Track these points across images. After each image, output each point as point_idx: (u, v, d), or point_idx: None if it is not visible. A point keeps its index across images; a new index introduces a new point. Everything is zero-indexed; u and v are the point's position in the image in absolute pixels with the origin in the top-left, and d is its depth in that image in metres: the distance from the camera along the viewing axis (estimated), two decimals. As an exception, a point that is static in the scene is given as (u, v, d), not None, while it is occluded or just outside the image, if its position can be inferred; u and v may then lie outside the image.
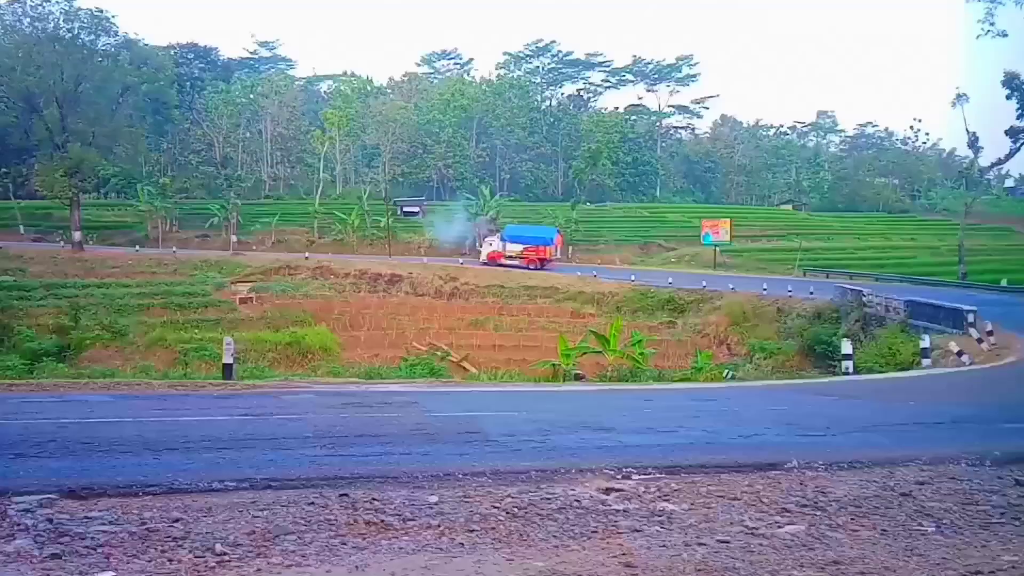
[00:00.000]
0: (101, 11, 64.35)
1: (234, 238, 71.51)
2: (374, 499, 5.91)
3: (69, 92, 60.61)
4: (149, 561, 4.53)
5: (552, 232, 65.41)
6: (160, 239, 72.24)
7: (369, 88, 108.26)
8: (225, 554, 4.65)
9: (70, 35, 62.34)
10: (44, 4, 61.85)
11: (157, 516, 5.34)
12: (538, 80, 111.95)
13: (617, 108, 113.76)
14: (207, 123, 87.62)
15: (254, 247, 71.35)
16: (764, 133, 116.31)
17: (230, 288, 51.65)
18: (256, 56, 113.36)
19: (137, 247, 65.95)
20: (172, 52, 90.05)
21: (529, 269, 59.36)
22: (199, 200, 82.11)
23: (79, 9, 63.20)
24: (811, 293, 40.18)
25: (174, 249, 65.59)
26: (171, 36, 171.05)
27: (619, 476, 6.90)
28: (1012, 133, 53.88)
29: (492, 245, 63.22)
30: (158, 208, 74.19)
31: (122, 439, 7.96)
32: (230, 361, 15.19)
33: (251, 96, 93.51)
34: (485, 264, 61.24)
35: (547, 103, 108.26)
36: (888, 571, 4.63)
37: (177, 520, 5.25)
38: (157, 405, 10.80)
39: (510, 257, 61.42)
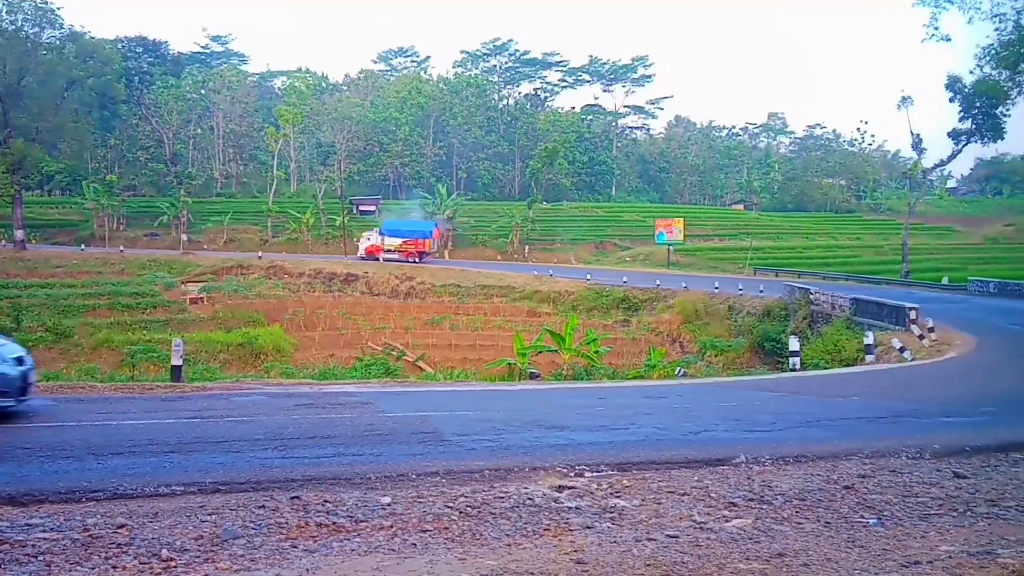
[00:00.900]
0: (45, 3, 62.52)
1: (184, 237, 70.20)
2: (326, 501, 5.87)
3: (11, 86, 58.73)
4: (92, 568, 4.45)
5: (431, 226, 66.26)
6: (107, 238, 70.50)
7: (324, 85, 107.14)
8: (171, 560, 4.58)
9: (13, 27, 60.44)
10: (-15, -4, 59.92)
11: (101, 522, 5.23)
12: (495, 79, 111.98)
13: (573, 108, 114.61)
14: (156, 119, 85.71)
15: (205, 246, 70.13)
16: (717, 134, 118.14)
17: (180, 288, 50.65)
18: (207, 51, 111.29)
19: (83, 246, 64.33)
20: (119, 45, 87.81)
21: (408, 263, 60.01)
22: (148, 198, 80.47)
23: (22, 1, 61.31)
24: (761, 291, 40.89)
25: (121, 248, 64.11)
26: (118, 29, 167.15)
27: (572, 474, 6.96)
28: (954, 135, 55.41)
29: (370, 240, 63.56)
30: (104, 206, 72.39)
31: (65, 444, 7.77)
32: (179, 363, 14.90)
33: (202, 91, 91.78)
34: (363, 259, 61.50)
35: (504, 102, 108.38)
36: (830, 562, 4.74)
37: (122, 526, 5.16)
38: (102, 408, 10.54)
39: (389, 251, 62.00)
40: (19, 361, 9.45)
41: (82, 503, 5.72)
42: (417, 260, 61.48)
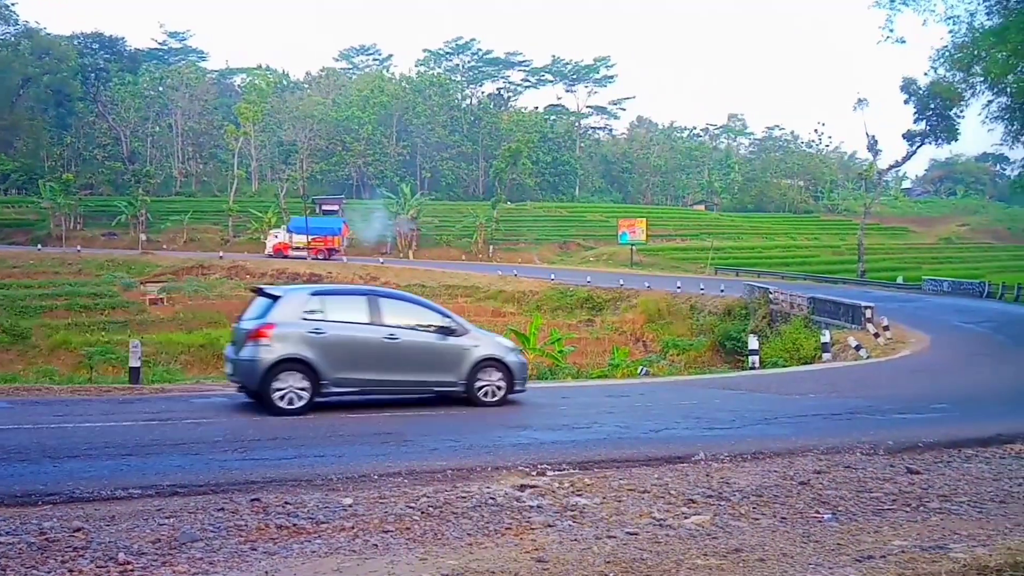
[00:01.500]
0: (-1, -1, 61.14)
1: (143, 236, 69.00)
2: (287, 503, 5.84)
3: (-36, 83, 57.33)
4: (48, 572, 4.38)
5: (339, 223, 67.10)
6: (64, 237, 69.00)
7: (285, 82, 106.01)
8: (129, 563, 4.53)
9: (-36, 24, 58.97)
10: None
11: (57, 526, 5.15)
12: (458, 78, 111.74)
13: (537, 108, 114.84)
14: (113, 116, 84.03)
15: (164, 246, 69.00)
16: (678, 135, 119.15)
17: (139, 288, 49.80)
18: (165, 47, 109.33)
19: (39, 246, 62.93)
20: (75, 42, 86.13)
21: (317, 260, 60.11)
22: (105, 196, 78.95)
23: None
24: (722, 291, 41.40)
25: (79, 248, 62.82)
26: (74, 25, 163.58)
27: (534, 473, 7.01)
28: (909, 137, 56.76)
29: (278, 237, 63.76)
30: (61, 205, 70.82)
31: (21, 447, 7.63)
32: (137, 364, 14.64)
33: (160, 89, 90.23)
34: (270, 256, 61.49)
35: (467, 101, 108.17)
36: (786, 557, 4.82)
37: (78, 529, 5.08)
38: (59, 411, 10.35)
39: (297, 248, 62.20)
40: None
41: (38, 506, 5.64)
42: (326, 257, 61.50)
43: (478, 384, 10.91)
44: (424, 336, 10.84)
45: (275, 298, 10.86)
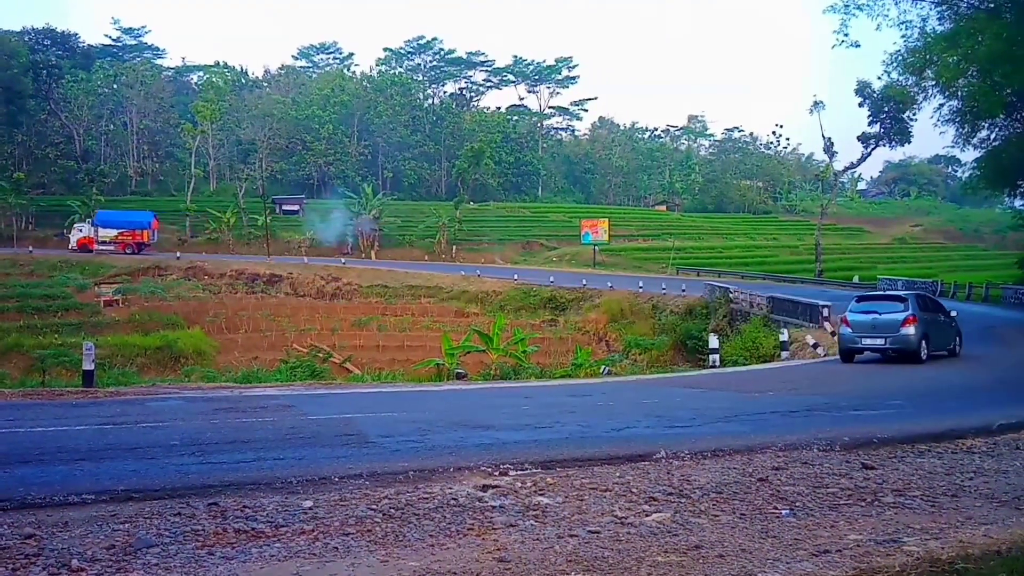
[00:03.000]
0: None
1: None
2: (245, 507, 5.75)
3: (-92, 78, 55.52)
4: (-3, 581, 4.27)
5: (149, 216, 66.52)
6: (15, 237, 67.34)
7: (243, 80, 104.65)
8: (82, 570, 4.43)
9: (-92, 17, 57.08)
10: None
11: (8, 532, 5.02)
12: (420, 78, 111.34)
13: (499, 108, 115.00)
14: (66, 114, 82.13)
15: (120, 246, 67.61)
16: (639, 136, 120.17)
17: (93, 290, 48.81)
18: (120, 43, 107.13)
19: (142, 251, 61.63)
20: (26, 38, 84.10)
21: (125, 254, 59.93)
22: (58, 196, 77.15)
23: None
24: (683, 291, 41.83)
25: (30, 248, 61.38)
26: (25, 20, 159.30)
27: (496, 473, 6.99)
28: (864, 139, 57.86)
29: (82, 231, 63.23)
30: (12, 204, 69.16)
31: (-33, 453, 7.41)
32: (91, 367, 14.34)
33: (114, 86, 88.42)
34: (74, 251, 61.01)
35: (429, 101, 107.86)
36: (745, 553, 4.88)
37: (30, 536, 4.96)
38: (9, 415, 10.09)
39: (103, 242, 61.81)
40: None
41: (-13, 514, 5.47)
42: (135, 251, 61.08)
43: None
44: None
45: (903, 299, 18.80)
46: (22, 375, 25.75)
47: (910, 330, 17.67)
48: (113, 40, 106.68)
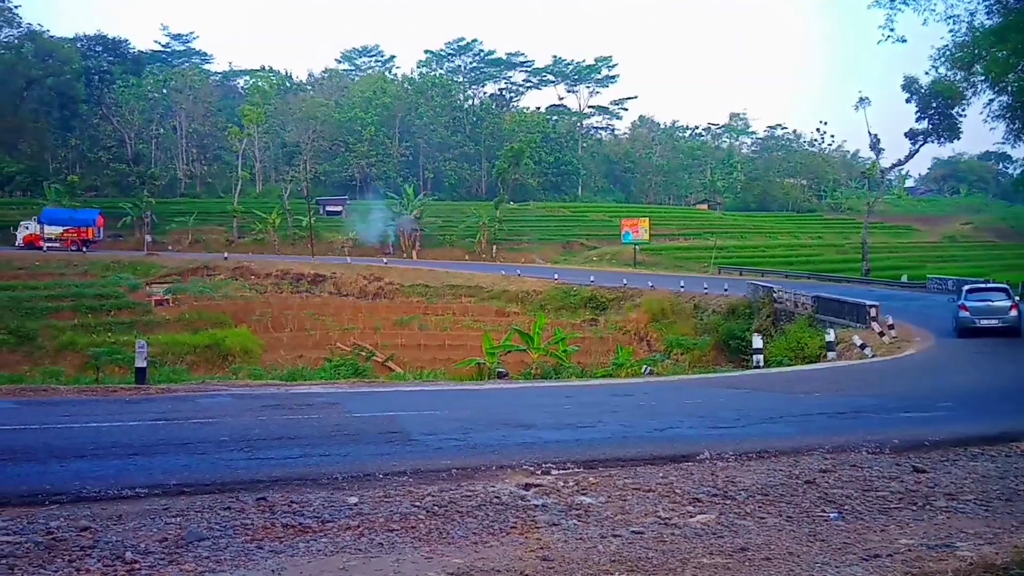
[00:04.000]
0: (3, 1, 61.16)
1: (148, 238, 69.11)
2: (292, 502, 5.85)
3: (-31, 86, 57.44)
4: (56, 571, 4.40)
5: (94, 214, 66.89)
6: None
7: (288, 84, 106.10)
8: (136, 562, 4.54)
9: (-31, 27, 59.07)
10: (-61, -7, 58.39)
11: (64, 525, 5.17)
12: (460, 79, 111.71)
13: (539, 108, 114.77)
14: (118, 118, 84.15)
15: (170, 247, 69.16)
16: (680, 134, 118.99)
17: (145, 290, 49.87)
18: (169, 49, 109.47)
19: (87, 248, 63.09)
20: (79, 44, 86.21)
21: (71, 251, 59.92)
22: (110, 198, 79.02)
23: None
24: (725, 290, 41.36)
25: (84, 249, 62.94)
26: (77, 27, 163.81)
27: (538, 472, 7.00)
28: (911, 135, 56.63)
29: (28, 228, 63.47)
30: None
31: (27, 447, 7.66)
32: (143, 365, 14.68)
33: (164, 91, 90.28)
34: (21, 248, 61.15)
35: (470, 102, 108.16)
36: (792, 556, 4.82)
37: (85, 529, 5.10)
38: (65, 411, 10.39)
39: (50, 240, 62.02)
40: None
41: (45, 506, 5.64)
42: (82, 249, 61.31)
43: None
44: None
45: (1006, 291, 23.85)
46: (76, 372, 26.45)
47: (1014, 313, 22.92)
48: (162, 46, 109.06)
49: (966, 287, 25.72)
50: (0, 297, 42.47)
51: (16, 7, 62.19)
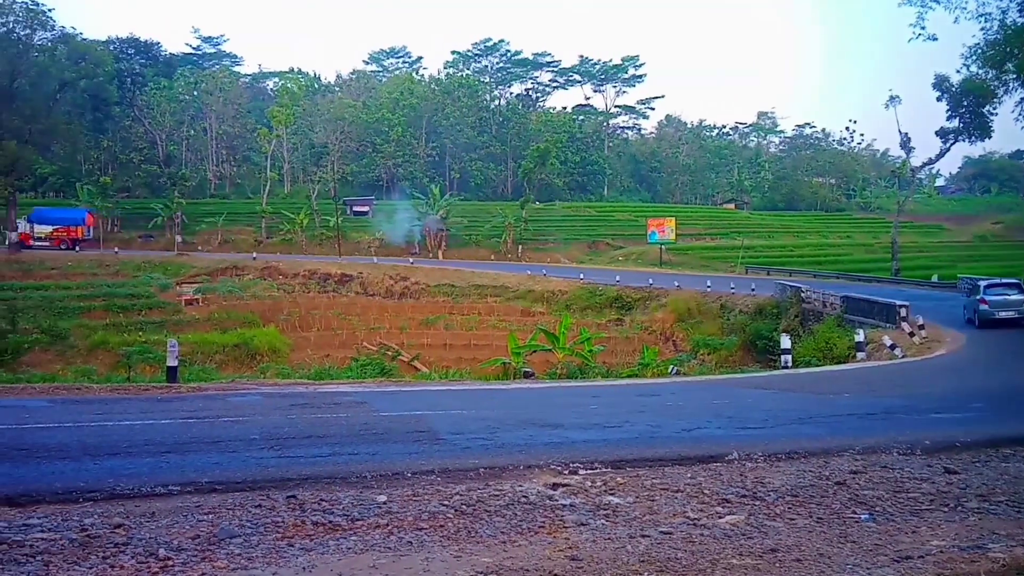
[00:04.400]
0: (37, 4, 62.31)
1: (179, 238, 70.12)
2: (322, 500, 5.90)
3: (4, 88, 58.68)
4: (90, 568, 4.46)
5: (83, 213, 67.47)
6: (101, 239, 70.33)
7: (316, 86, 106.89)
8: (169, 559, 4.61)
9: (4, 29, 60.25)
10: (-23, -2, 59.69)
11: (98, 522, 5.25)
12: (487, 79, 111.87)
13: (565, 108, 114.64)
14: (149, 120, 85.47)
15: (199, 247, 70.04)
16: (707, 133, 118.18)
17: (175, 289, 50.55)
18: (199, 52, 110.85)
19: (77, 248, 64.15)
20: (111, 47, 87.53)
21: (61, 249, 60.43)
22: (142, 199, 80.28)
23: (14, 2, 61.07)
24: (752, 290, 41.02)
25: (116, 249, 63.95)
26: (110, 30, 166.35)
27: (566, 471, 7.00)
28: (942, 134, 55.67)
29: (19, 228, 63.79)
30: (99, 207, 72.23)
31: (61, 445, 7.78)
32: (174, 364, 14.90)
33: (195, 93, 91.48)
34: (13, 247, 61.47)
35: (496, 102, 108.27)
36: (823, 558, 4.78)
37: (119, 526, 5.18)
38: (98, 409, 10.55)
39: (39, 239, 62.65)
40: None
41: (79, 503, 5.73)
42: (71, 247, 62.00)
43: None
44: None
45: (1018, 285, 26.22)
46: (108, 371, 26.83)
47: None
48: (193, 48, 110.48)
49: (983, 283, 27.90)
50: (33, 297, 43.26)
51: (50, 10, 63.25)
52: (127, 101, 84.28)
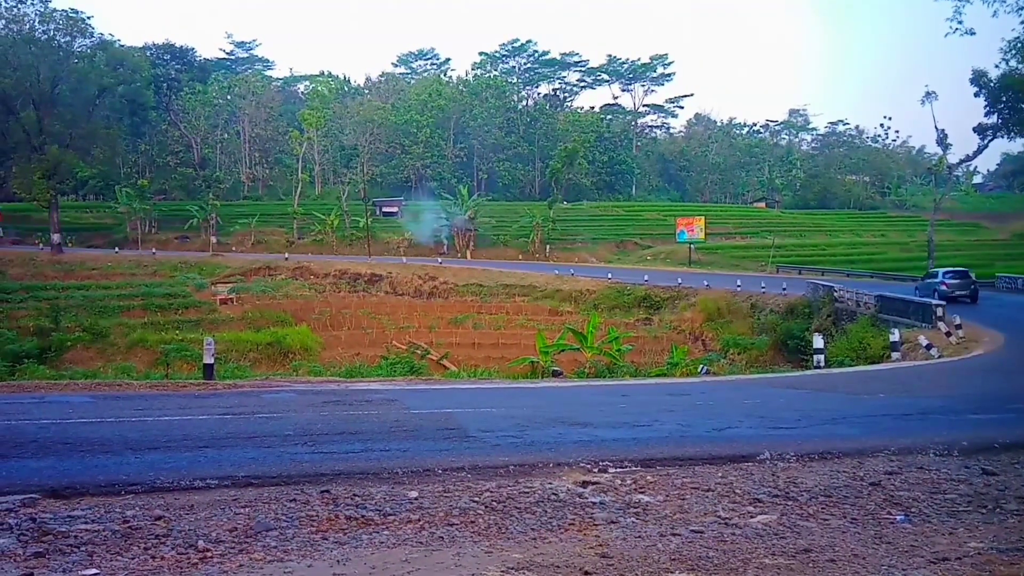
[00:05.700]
0: (76, 12, 63.74)
1: (213, 239, 71.14)
2: (355, 495, 5.98)
3: (46, 94, 59.97)
4: (132, 558, 4.58)
5: None
6: (139, 240, 71.69)
7: (346, 88, 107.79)
8: (207, 550, 4.71)
9: (46, 37, 61.56)
10: (19, 6, 61.05)
11: (139, 514, 5.37)
12: (514, 80, 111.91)
13: (593, 108, 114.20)
14: (184, 124, 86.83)
15: (233, 248, 70.99)
16: (737, 132, 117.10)
17: (210, 289, 51.35)
18: (233, 56, 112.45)
19: (116, 249, 65.38)
20: (148, 53, 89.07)
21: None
22: (178, 201, 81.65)
23: (54, 10, 62.54)
24: (784, 289, 40.59)
25: (153, 250, 65.09)
26: (146, 36, 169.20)
27: (596, 469, 7.01)
28: (980, 130, 54.57)
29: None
30: (137, 210, 73.63)
31: (103, 439, 7.96)
32: (211, 361, 15.15)
33: (228, 97, 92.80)
34: None
35: (523, 103, 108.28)
36: (857, 558, 4.75)
37: (159, 518, 5.30)
38: (138, 405, 10.76)
39: None
40: None
41: (121, 496, 5.87)
42: None
43: None
44: None
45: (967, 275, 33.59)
46: (147, 368, 27.38)
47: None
48: (227, 53, 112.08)
49: (943, 271, 36.52)
50: (75, 296, 44.23)
51: (89, 18, 64.70)
52: (163, 106, 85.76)
